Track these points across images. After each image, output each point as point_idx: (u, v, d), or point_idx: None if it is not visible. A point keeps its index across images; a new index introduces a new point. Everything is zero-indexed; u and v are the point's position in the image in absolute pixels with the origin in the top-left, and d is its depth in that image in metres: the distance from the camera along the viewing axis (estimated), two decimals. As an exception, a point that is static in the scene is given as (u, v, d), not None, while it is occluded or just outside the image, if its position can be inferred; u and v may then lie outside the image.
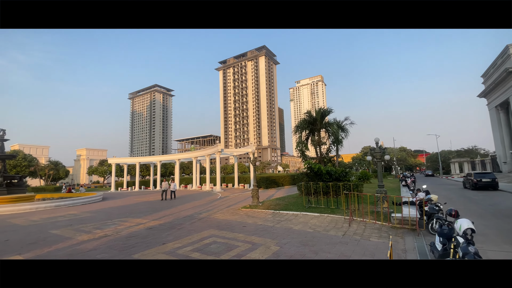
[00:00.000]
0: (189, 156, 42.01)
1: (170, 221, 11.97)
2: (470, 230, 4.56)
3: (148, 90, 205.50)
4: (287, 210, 13.10)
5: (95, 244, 8.16)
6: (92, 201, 23.31)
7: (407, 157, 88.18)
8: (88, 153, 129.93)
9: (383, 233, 8.47)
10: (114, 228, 10.74)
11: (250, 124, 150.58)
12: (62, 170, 70.89)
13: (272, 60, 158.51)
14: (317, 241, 7.76)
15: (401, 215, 9.50)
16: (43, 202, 20.05)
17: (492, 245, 7.10)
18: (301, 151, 20.07)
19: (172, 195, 22.97)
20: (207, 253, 6.85)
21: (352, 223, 10.04)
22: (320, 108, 20.97)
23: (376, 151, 12.74)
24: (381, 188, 12.46)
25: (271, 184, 32.03)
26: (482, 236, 7.90)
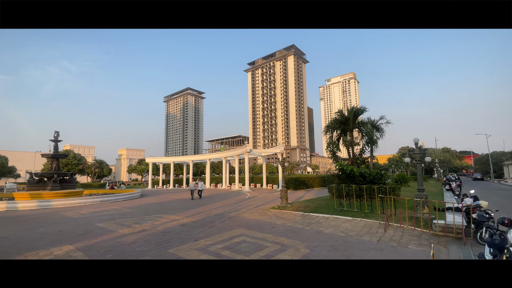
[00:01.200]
0: (219, 156, 43.13)
1: (202, 218, 12.41)
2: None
3: (181, 93, 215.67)
4: (317, 213, 12.80)
5: (134, 238, 8.77)
6: (132, 197, 25.08)
7: (452, 158, 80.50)
8: (128, 152, 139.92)
9: (423, 241, 7.87)
10: (151, 223, 11.44)
11: (278, 124, 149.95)
12: (106, 168, 77.39)
13: (301, 59, 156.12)
14: (349, 246, 7.46)
15: (444, 222, 8.72)
16: (90, 197, 22.08)
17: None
18: (332, 152, 19.45)
19: (199, 194, 23.23)
20: (237, 251, 6.97)
21: (388, 228, 9.47)
22: (352, 107, 20.14)
23: (416, 152, 11.85)
24: (421, 192, 11.56)
25: (300, 185, 31.53)
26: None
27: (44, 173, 25.09)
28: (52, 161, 25.80)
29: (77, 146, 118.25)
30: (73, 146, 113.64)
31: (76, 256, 6.85)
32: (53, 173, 23.95)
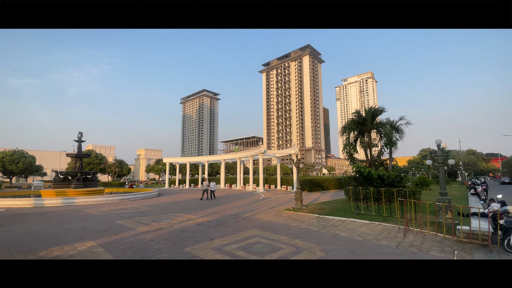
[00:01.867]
0: (233, 157, 43.45)
1: (217, 218, 12.55)
2: None
3: (197, 95, 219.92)
4: (333, 215, 12.56)
5: (152, 236, 9.02)
6: (149, 196, 25.82)
7: (477, 161, 76.16)
8: (146, 153, 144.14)
9: (446, 247, 7.50)
10: (168, 222, 11.71)
11: (293, 125, 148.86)
12: (125, 168, 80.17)
13: (317, 58, 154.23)
14: (367, 250, 7.26)
15: (469, 228, 8.26)
16: (111, 196, 22.97)
17: None
18: (349, 154, 19.02)
19: (212, 194, 22.69)
20: (252, 252, 6.98)
21: (408, 233, 9.12)
22: (370, 107, 19.59)
23: (438, 154, 11.34)
24: (443, 196, 11.04)
25: (315, 187, 31.10)
26: None
27: (68, 172, 26.41)
28: (76, 161, 27.11)
29: (98, 146, 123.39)
30: (95, 146, 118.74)
31: (97, 252, 7.14)
32: (77, 172, 25.15)
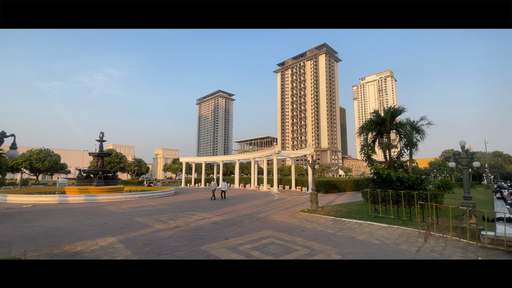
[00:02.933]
0: (248, 157, 43.65)
1: (232, 218, 12.67)
2: None
3: (212, 96, 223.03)
4: (349, 218, 12.30)
5: (169, 233, 9.26)
6: (167, 194, 26.51)
7: (504, 163, 71.51)
8: (164, 152, 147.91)
9: (469, 253, 7.14)
10: (184, 220, 11.98)
11: (308, 125, 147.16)
12: (144, 167, 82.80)
13: (333, 57, 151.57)
14: (385, 254, 7.06)
15: (494, 234, 7.81)
16: (130, 194, 23.82)
17: None
18: (367, 155, 18.53)
19: (223, 194, 22.10)
20: (266, 253, 6.99)
21: (429, 238, 8.76)
22: (389, 107, 19.00)
23: (462, 156, 10.81)
24: (467, 200, 10.50)
25: (331, 189, 30.57)
26: None
27: (90, 170, 27.67)
28: (97, 159, 28.35)
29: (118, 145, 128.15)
30: (115, 145, 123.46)
31: (118, 248, 7.44)
32: (98, 170, 26.29)
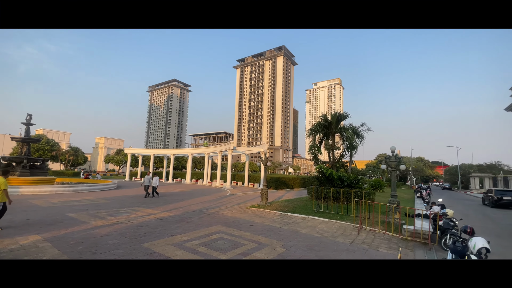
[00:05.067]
0: (202, 152, 42.62)
1: (180, 214, 12.24)
2: (485, 249, 4.39)
3: (166, 84, 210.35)
4: (295, 213, 13.05)
5: (108, 230, 8.49)
6: (107, 188, 24.19)
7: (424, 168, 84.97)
8: (106, 142, 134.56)
9: (392, 245, 8.27)
10: (126, 216, 11.12)
11: (263, 124, 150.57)
12: (81, 157, 73.94)
13: (290, 60, 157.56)
14: (324, 246, 7.70)
15: (413, 228, 9.22)
16: (62, 186, 21.05)
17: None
18: (314, 155, 19.88)
19: (154, 191, 18.88)
20: (214, 248, 6.97)
21: (361, 231, 9.86)
22: (336, 112, 20.68)
23: (392, 159, 12.41)
24: (394, 198, 12.13)
25: (281, 185, 31.94)
26: (498, 257, 7.52)
27: (12, 158, 23.56)
28: (22, 145, 24.25)
29: (51, 131, 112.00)
30: (46, 131, 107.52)
31: (43, 247, 6.52)
32: (23, 158, 22.55)
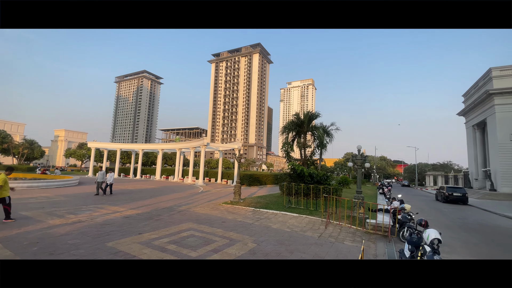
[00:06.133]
0: (173, 147, 41.32)
1: (148, 211, 11.79)
2: (437, 240, 4.83)
3: (135, 76, 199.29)
4: (267, 209, 13.26)
5: (67, 229, 7.90)
6: (68, 184, 22.44)
7: (387, 166, 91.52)
8: (67, 134, 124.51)
9: (357, 237, 8.79)
10: (89, 214, 10.43)
11: (238, 120, 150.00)
12: (37, 150, 67.55)
13: (266, 58, 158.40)
14: (294, 241, 7.94)
15: (375, 222, 9.89)
16: (15, 182, 19.10)
17: (456, 257, 7.56)
18: (286, 152, 20.33)
19: (108, 188, 17.38)
20: (184, 246, 6.83)
21: (329, 225, 10.33)
22: (308, 112, 21.31)
23: (358, 158, 13.15)
24: (359, 194, 12.88)
25: (254, 182, 32.19)
26: (448, 247, 8.39)
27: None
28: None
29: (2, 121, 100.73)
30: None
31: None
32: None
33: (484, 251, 8.45)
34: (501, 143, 31.88)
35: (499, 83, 32.91)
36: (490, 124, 34.65)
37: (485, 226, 12.90)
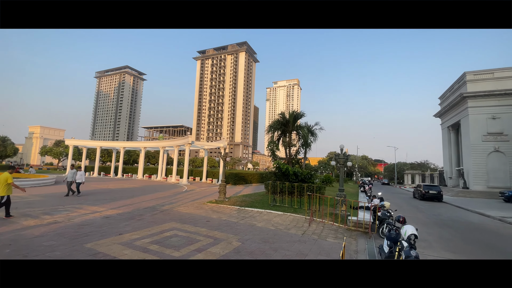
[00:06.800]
0: (157, 145, 40.39)
1: (130, 211, 11.47)
2: (413, 235, 5.05)
3: (117, 71, 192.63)
4: (252, 207, 13.30)
5: (42, 231, 7.53)
6: (43, 184, 21.37)
7: (368, 165, 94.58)
8: (43, 131, 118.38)
9: (339, 234, 9.02)
10: (66, 214, 9.99)
11: (224, 119, 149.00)
12: (10, 147, 63.69)
13: (252, 57, 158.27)
14: (278, 238, 8.02)
15: (356, 219, 10.20)
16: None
17: (432, 251, 7.95)
18: (272, 151, 20.49)
19: (76, 188, 15.86)
20: (167, 246, 6.71)
21: (312, 223, 10.53)
22: (293, 111, 21.59)
23: (340, 157, 13.47)
24: (341, 192, 13.20)
25: (239, 181, 32.14)
26: (424, 242, 8.81)
27: None
28: None
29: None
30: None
31: (-46, 253, 5.49)
32: None
33: (457, 245, 8.95)
34: (474, 143, 33.80)
35: (473, 87, 34.84)
36: (464, 125, 36.63)
37: (458, 222, 13.66)
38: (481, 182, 32.74)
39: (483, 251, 8.38)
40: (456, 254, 7.80)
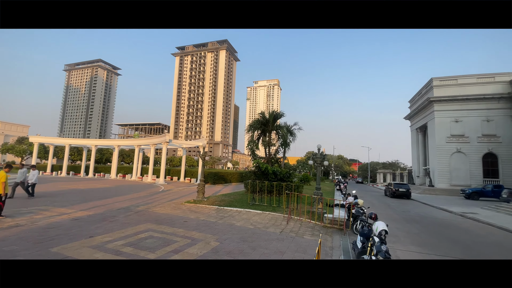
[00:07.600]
0: (131, 144, 38.84)
1: (102, 212, 10.91)
2: (384, 231, 5.33)
3: (89, 65, 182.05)
4: (231, 207, 13.24)
5: (3, 235, 6.92)
6: (2, 184, 19.59)
7: (343, 164, 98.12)
8: (4, 127, 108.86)
9: (315, 232, 9.27)
10: (29, 217, 9.28)
11: (204, 117, 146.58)
12: (-38, 145, 57.77)
13: (233, 56, 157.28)
14: (256, 237, 8.06)
15: (332, 216, 10.53)
16: None
17: (401, 245, 8.42)
18: (252, 150, 20.55)
19: (29, 190, 14.28)
20: (141, 248, 6.48)
21: (290, 221, 10.71)
22: (273, 111, 21.80)
23: (317, 156, 13.85)
24: (318, 191, 13.59)
25: (219, 180, 31.83)
26: (394, 237, 9.31)
27: None
28: None
29: None
30: None
31: None
32: None
33: (423, 239, 9.57)
34: (439, 144, 36.33)
35: (439, 92, 37.39)
36: (430, 128, 39.22)
37: (424, 218, 14.61)
38: (445, 180, 35.27)
39: (446, 244, 9.04)
40: (422, 247, 8.33)
